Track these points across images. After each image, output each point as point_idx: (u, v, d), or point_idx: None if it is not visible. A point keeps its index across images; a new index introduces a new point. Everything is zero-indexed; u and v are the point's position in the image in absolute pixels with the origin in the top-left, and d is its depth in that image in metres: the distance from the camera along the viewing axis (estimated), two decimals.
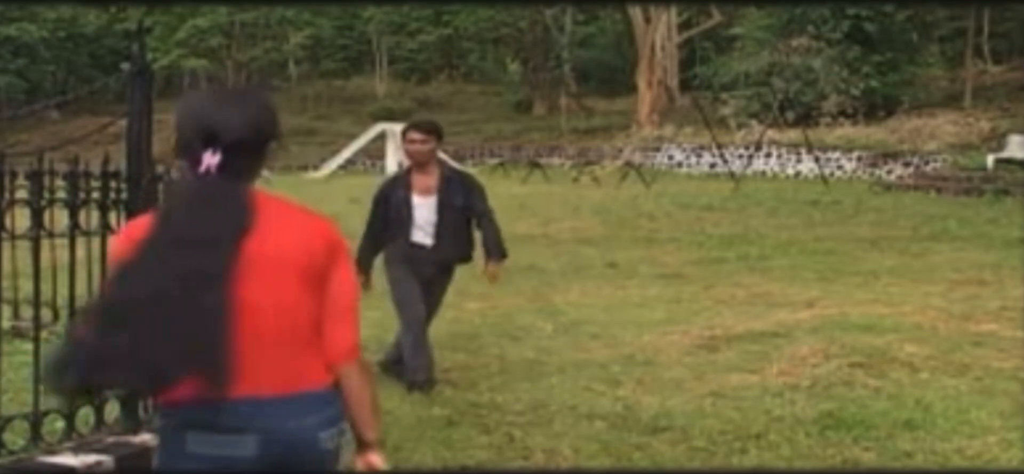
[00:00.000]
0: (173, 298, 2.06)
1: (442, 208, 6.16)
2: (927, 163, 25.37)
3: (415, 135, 6.18)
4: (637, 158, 29.35)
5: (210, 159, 2.23)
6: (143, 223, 2.30)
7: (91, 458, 3.79)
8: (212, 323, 2.09)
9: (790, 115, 28.34)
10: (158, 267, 2.10)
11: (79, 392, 2.62)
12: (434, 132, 6.23)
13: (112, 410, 4.20)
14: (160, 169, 4.48)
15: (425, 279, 6.18)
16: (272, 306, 2.26)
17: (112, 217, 4.20)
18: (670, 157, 30.87)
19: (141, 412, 4.27)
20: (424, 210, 6.16)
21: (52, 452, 3.85)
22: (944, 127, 26.99)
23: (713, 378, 6.55)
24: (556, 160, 32.55)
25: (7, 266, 4.57)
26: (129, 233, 2.41)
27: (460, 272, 6.58)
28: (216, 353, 2.09)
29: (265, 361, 2.24)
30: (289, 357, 2.28)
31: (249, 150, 2.30)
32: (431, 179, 6.21)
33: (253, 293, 2.21)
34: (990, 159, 22.42)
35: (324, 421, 2.31)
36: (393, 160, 33.28)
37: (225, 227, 2.19)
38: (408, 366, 6.10)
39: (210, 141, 2.24)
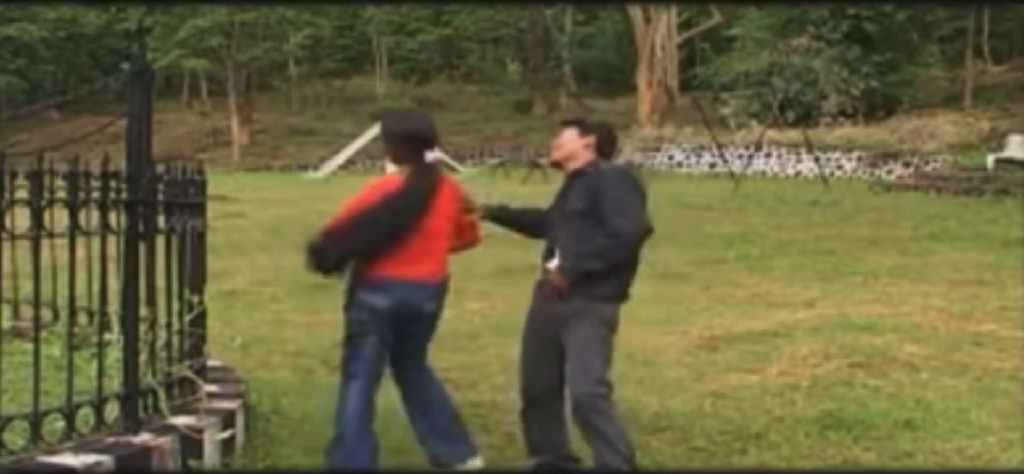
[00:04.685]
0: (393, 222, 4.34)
1: None
2: (927, 163, 25.38)
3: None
4: (637, 158, 29.34)
5: (430, 155, 4.45)
6: (391, 181, 4.42)
7: (91, 458, 3.79)
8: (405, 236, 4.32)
9: (790, 115, 28.33)
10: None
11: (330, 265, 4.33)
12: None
13: (112, 410, 4.20)
14: (160, 169, 4.48)
15: None
16: (435, 230, 4.41)
17: (112, 217, 4.20)
18: (670, 157, 30.88)
19: (141, 412, 4.27)
20: None
21: (52, 452, 3.84)
22: (944, 127, 27.00)
23: (713, 378, 6.55)
24: None
25: (7, 266, 4.57)
26: (379, 185, 4.45)
27: (459, 273, 6.50)
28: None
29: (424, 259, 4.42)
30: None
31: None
32: None
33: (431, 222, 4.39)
34: (990, 159, 22.43)
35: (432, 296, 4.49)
36: None
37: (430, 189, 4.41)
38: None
39: (429, 146, 4.46)
